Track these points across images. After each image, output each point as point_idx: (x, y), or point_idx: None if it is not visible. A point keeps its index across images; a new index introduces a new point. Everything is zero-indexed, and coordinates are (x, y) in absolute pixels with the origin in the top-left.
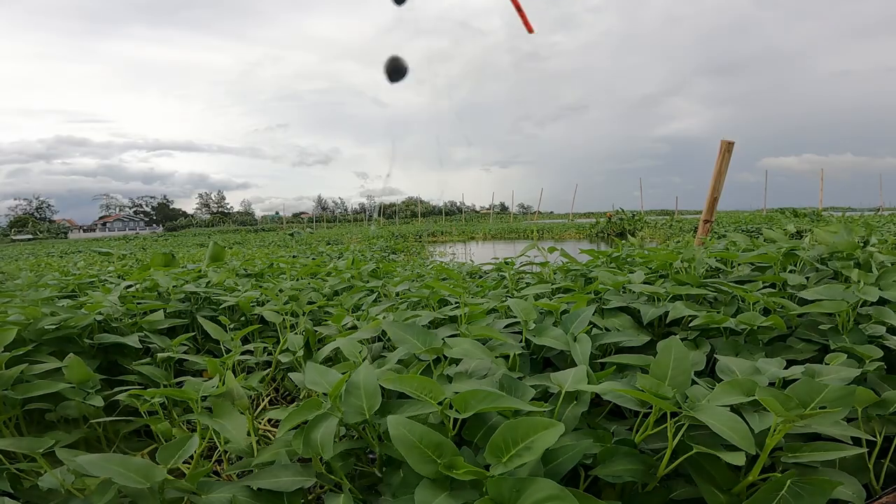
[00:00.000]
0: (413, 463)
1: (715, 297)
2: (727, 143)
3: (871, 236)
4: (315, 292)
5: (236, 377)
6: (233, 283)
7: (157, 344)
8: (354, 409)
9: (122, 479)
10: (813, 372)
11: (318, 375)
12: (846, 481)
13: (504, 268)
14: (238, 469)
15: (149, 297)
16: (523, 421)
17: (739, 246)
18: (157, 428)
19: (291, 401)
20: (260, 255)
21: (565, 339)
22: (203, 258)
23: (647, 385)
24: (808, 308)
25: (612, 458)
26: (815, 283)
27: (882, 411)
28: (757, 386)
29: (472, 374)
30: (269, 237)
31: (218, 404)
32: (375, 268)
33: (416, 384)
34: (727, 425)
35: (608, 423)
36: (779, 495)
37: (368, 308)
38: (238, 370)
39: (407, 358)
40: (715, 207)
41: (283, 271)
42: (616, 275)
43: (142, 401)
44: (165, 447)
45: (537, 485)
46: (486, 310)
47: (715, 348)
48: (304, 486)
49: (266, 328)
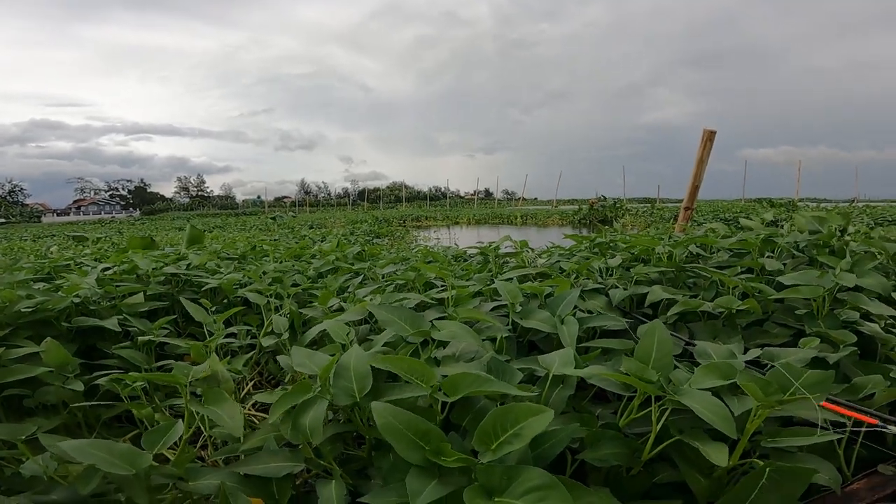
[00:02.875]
0: (400, 450)
1: (694, 283)
2: (709, 132)
3: (848, 225)
4: (299, 275)
5: (220, 361)
6: (214, 265)
7: (138, 327)
8: (344, 392)
9: (107, 465)
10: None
11: (306, 358)
12: (823, 467)
13: (488, 251)
14: (224, 454)
15: (127, 280)
16: (513, 407)
17: (718, 233)
18: (139, 413)
19: (276, 384)
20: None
21: (552, 321)
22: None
23: (632, 369)
24: (786, 293)
25: (598, 442)
26: (792, 269)
27: (852, 396)
28: (735, 370)
29: (459, 358)
30: (251, 221)
31: (207, 390)
32: (361, 250)
33: (406, 366)
34: (710, 410)
35: (593, 407)
36: (759, 484)
37: (355, 290)
38: (221, 353)
39: (394, 340)
40: (696, 195)
41: (267, 253)
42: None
43: (123, 385)
44: (150, 432)
45: (528, 473)
46: (473, 292)
47: (693, 332)
48: (293, 471)
49: (249, 311)
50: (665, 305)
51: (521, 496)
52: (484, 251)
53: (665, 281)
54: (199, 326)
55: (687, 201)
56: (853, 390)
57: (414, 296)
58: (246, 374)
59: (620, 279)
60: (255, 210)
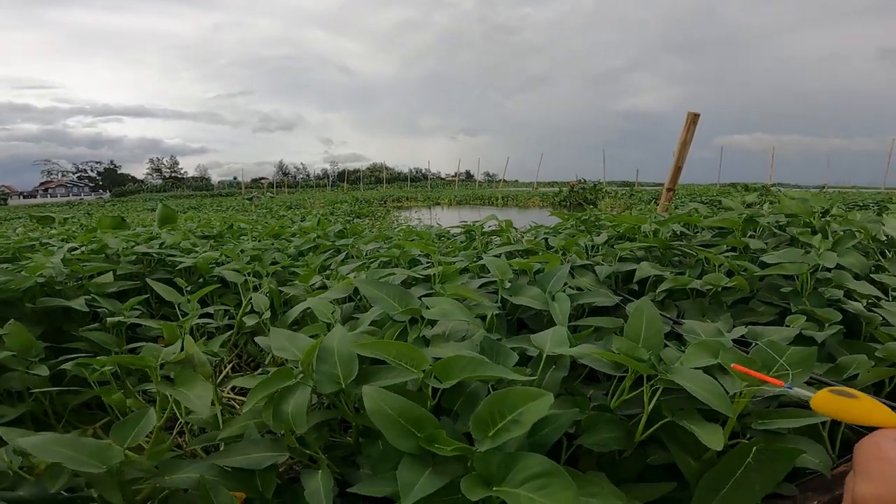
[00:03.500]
0: (391, 438)
1: (680, 261)
2: (693, 114)
3: (832, 207)
4: (279, 252)
5: (195, 342)
6: (189, 244)
7: (107, 308)
8: (328, 378)
9: (75, 463)
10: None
11: (286, 341)
12: (812, 448)
13: (474, 229)
14: (202, 443)
15: (96, 260)
16: (510, 392)
17: (701, 213)
18: (109, 400)
19: (256, 367)
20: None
21: (543, 298)
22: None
23: (623, 348)
24: (770, 270)
25: (595, 426)
26: (774, 247)
27: (837, 377)
28: (722, 349)
29: (449, 337)
30: (227, 202)
31: (179, 372)
32: (343, 228)
33: (395, 351)
34: (704, 388)
35: (584, 388)
36: (744, 462)
37: (337, 267)
38: (197, 335)
39: (381, 319)
40: (678, 177)
41: (244, 232)
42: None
43: (91, 370)
44: (120, 424)
45: (527, 460)
46: (460, 269)
47: (681, 310)
48: (276, 461)
49: (227, 291)
50: (652, 283)
51: (522, 484)
52: (469, 229)
53: (651, 258)
54: (173, 307)
55: (669, 182)
56: (838, 370)
57: (400, 271)
58: (224, 357)
59: (606, 256)
60: (232, 191)
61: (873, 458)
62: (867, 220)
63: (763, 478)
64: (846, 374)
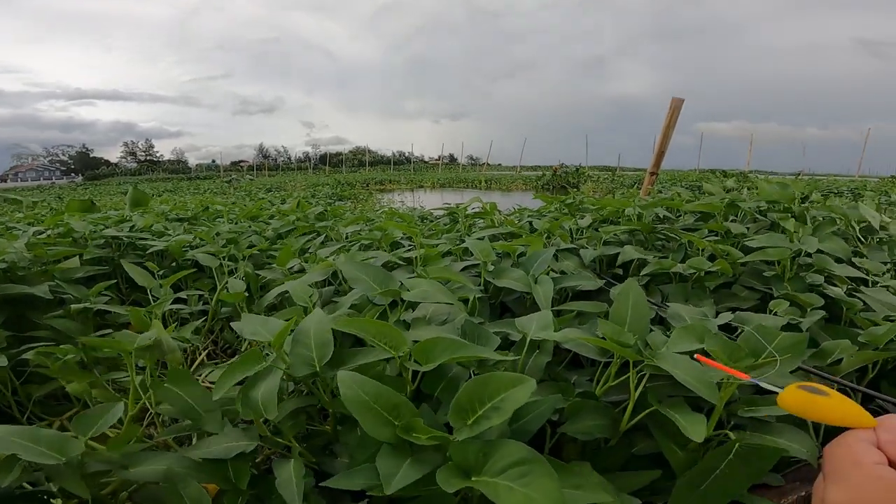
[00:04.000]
0: (368, 427)
1: (663, 245)
2: (677, 100)
3: (811, 193)
4: (257, 235)
5: (167, 328)
6: (161, 227)
7: (72, 294)
8: (302, 361)
9: (31, 454)
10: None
11: (259, 324)
12: (798, 437)
13: (458, 211)
14: (173, 434)
15: (63, 244)
16: (491, 377)
17: (684, 197)
18: (73, 390)
19: (232, 354)
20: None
21: (527, 280)
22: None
23: (609, 332)
24: (754, 255)
25: (578, 413)
26: (755, 232)
27: (820, 362)
28: (708, 333)
29: (430, 320)
30: (205, 185)
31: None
32: (323, 211)
33: (374, 329)
34: (691, 375)
35: (567, 374)
36: (726, 459)
37: (317, 250)
38: (170, 321)
39: (360, 302)
40: (661, 161)
41: (220, 215)
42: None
43: (54, 359)
44: (84, 415)
45: (505, 448)
46: (442, 252)
47: (664, 294)
48: (246, 450)
49: (201, 275)
50: (636, 266)
51: (501, 473)
52: (452, 211)
53: (635, 242)
54: (145, 293)
55: (652, 166)
56: (821, 355)
57: (382, 254)
58: (198, 344)
59: (590, 239)
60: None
61: (846, 463)
62: (846, 207)
63: (746, 474)
64: (830, 360)
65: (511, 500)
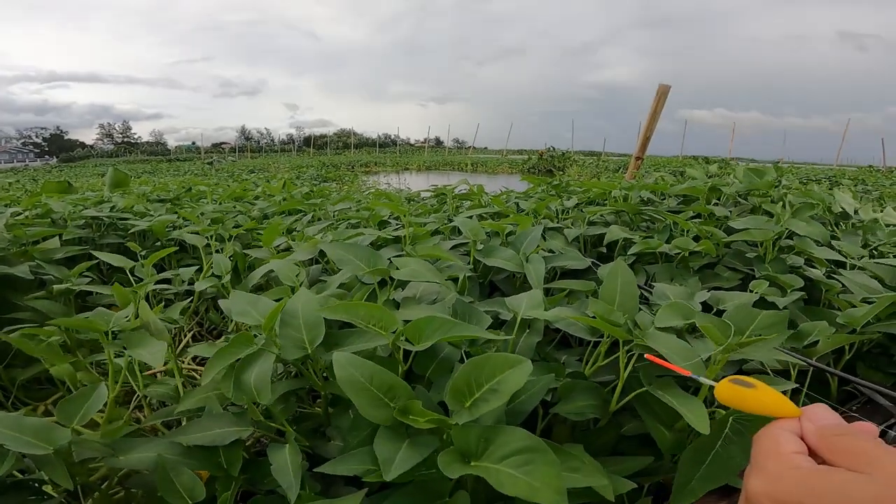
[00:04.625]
0: (363, 409)
1: (648, 226)
2: (664, 86)
3: (782, 177)
4: (242, 215)
5: (152, 309)
6: (143, 208)
7: (53, 275)
8: (293, 344)
9: (18, 444)
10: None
11: (248, 304)
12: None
13: (445, 192)
14: (161, 418)
15: (41, 225)
16: (488, 359)
17: (668, 181)
18: (57, 373)
19: (219, 335)
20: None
21: (517, 259)
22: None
23: (599, 311)
24: (737, 236)
25: (570, 393)
26: (738, 215)
27: (798, 343)
28: (694, 311)
29: (420, 300)
30: (185, 166)
31: (129, 335)
32: (310, 191)
33: (363, 313)
34: (681, 355)
35: (557, 354)
36: (722, 434)
37: (304, 229)
38: (154, 302)
39: (349, 281)
40: (647, 146)
41: (204, 195)
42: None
43: (37, 341)
44: (68, 400)
45: (508, 434)
46: (431, 231)
47: (650, 274)
48: (241, 436)
49: (185, 255)
50: (622, 246)
51: (503, 460)
52: (440, 192)
53: (620, 223)
54: (128, 274)
55: (638, 151)
56: (799, 336)
57: (370, 231)
58: (183, 325)
59: (576, 220)
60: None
61: (767, 452)
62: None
63: (742, 449)
64: (807, 341)
65: (513, 487)
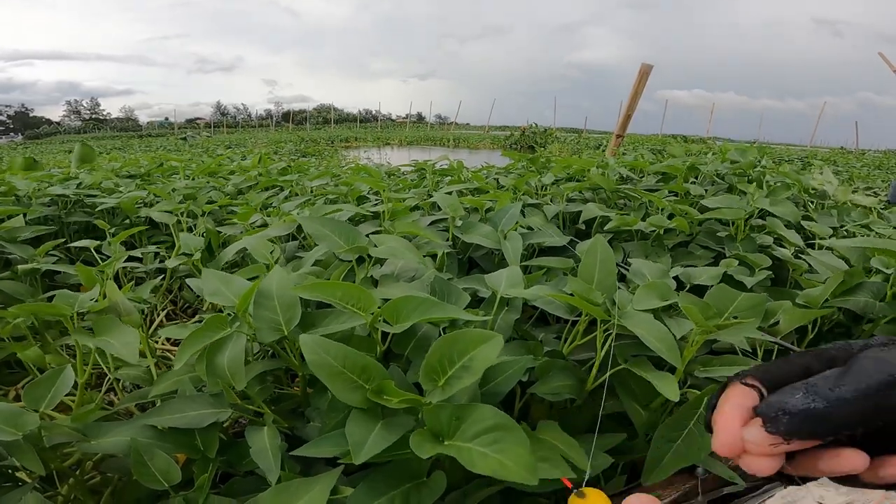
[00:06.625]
0: (337, 391)
1: (625, 204)
2: (646, 66)
3: (763, 157)
4: (216, 191)
5: (122, 289)
6: (112, 184)
7: (18, 255)
8: (269, 325)
9: None
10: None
11: (220, 283)
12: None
13: (426, 167)
14: (134, 401)
15: (5, 204)
16: (461, 334)
17: (647, 159)
18: (24, 356)
19: (193, 314)
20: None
21: (496, 236)
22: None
23: (578, 290)
24: (710, 214)
25: (548, 373)
26: (713, 194)
27: (764, 322)
28: (671, 291)
29: (399, 277)
30: (157, 142)
31: (99, 319)
32: (287, 166)
33: (340, 293)
34: (655, 336)
35: (535, 332)
36: (696, 413)
37: (280, 204)
38: (124, 280)
39: (326, 258)
40: (628, 124)
41: (176, 171)
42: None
43: (3, 323)
44: (34, 384)
45: (479, 412)
46: (410, 206)
47: (626, 252)
48: (218, 419)
49: (157, 232)
50: (598, 224)
51: (474, 438)
52: (420, 167)
53: (598, 201)
54: (97, 251)
55: (619, 129)
56: (766, 315)
57: (349, 207)
58: (156, 304)
59: (554, 196)
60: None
61: None
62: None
63: None
64: (772, 320)
65: (484, 465)
